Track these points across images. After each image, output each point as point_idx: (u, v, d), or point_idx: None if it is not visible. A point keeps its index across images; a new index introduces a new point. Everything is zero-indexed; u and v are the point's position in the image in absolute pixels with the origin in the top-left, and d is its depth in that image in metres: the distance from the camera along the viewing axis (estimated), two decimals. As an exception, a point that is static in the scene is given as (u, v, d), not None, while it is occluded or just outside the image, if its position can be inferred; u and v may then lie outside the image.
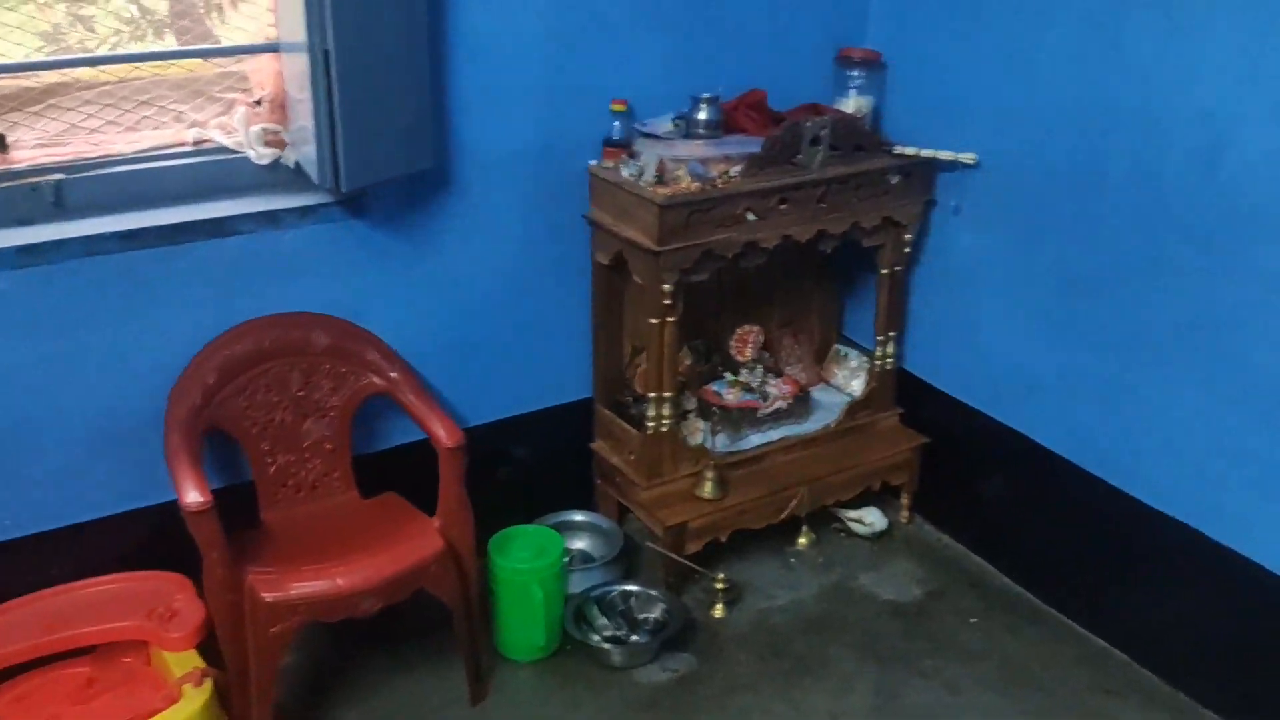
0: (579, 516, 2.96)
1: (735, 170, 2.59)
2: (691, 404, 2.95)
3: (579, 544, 2.96)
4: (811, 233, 2.71)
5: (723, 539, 2.81)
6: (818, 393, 3.19)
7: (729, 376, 3.00)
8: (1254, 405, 2.26)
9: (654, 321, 2.62)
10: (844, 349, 3.22)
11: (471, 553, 2.41)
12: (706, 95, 2.64)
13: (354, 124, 2.21)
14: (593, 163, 2.69)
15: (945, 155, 2.77)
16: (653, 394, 2.70)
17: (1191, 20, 2.23)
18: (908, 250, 2.92)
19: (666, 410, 2.72)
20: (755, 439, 2.94)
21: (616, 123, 2.69)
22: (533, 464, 2.94)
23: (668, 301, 2.58)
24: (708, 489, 2.77)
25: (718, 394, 2.98)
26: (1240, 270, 2.23)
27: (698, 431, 2.89)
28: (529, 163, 2.66)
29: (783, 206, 2.64)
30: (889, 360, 3.05)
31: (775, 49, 2.91)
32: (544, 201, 2.72)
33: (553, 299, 2.82)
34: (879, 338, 3.03)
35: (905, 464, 3.08)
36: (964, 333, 2.93)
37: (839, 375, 3.21)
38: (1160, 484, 2.49)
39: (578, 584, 2.75)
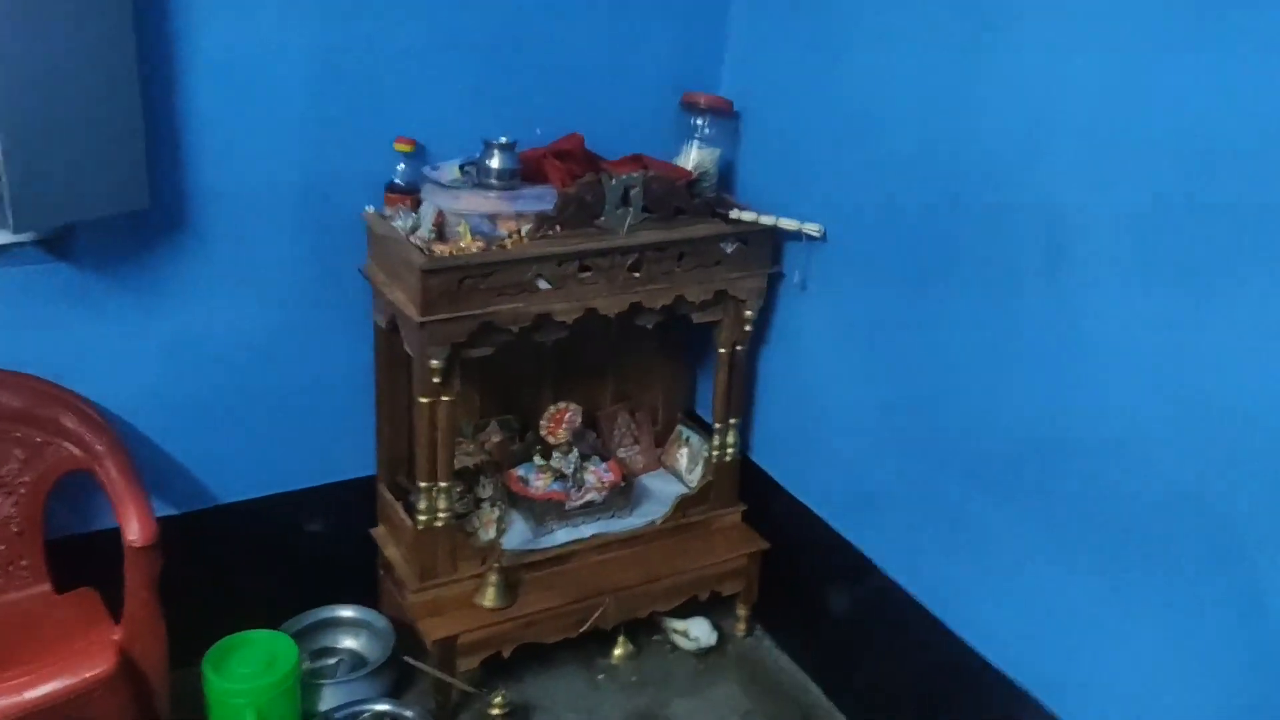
0: (348, 613, 2.56)
1: (527, 229, 2.21)
2: (488, 490, 2.55)
3: (351, 643, 2.56)
4: (623, 306, 2.32)
5: (505, 654, 2.41)
6: (654, 480, 2.80)
7: (538, 460, 2.60)
8: (1091, 557, 1.86)
9: (424, 401, 2.23)
10: (686, 431, 2.83)
11: (161, 672, 2.02)
12: (501, 140, 2.25)
13: (23, 153, 1.83)
14: (369, 209, 2.31)
15: (788, 224, 2.38)
16: (424, 483, 2.31)
17: (1042, 96, 1.84)
18: (748, 328, 2.53)
19: (442, 502, 2.32)
20: (562, 535, 2.55)
21: (401, 164, 2.31)
22: (304, 550, 2.55)
23: (437, 380, 2.19)
24: (490, 596, 2.38)
25: (523, 480, 2.58)
26: (1080, 394, 1.84)
27: (491, 524, 2.49)
28: (293, 206, 2.28)
29: (585, 274, 2.25)
30: (729, 450, 2.65)
31: (612, 88, 2.53)
32: (315, 251, 2.33)
33: (330, 362, 2.44)
34: (717, 425, 2.63)
35: (740, 572, 2.68)
36: (808, 426, 2.54)
37: (681, 460, 2.82)
38: (997, 636, 2.10)
39: (331, 699, 2.35)
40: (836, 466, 2.47)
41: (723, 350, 2.56)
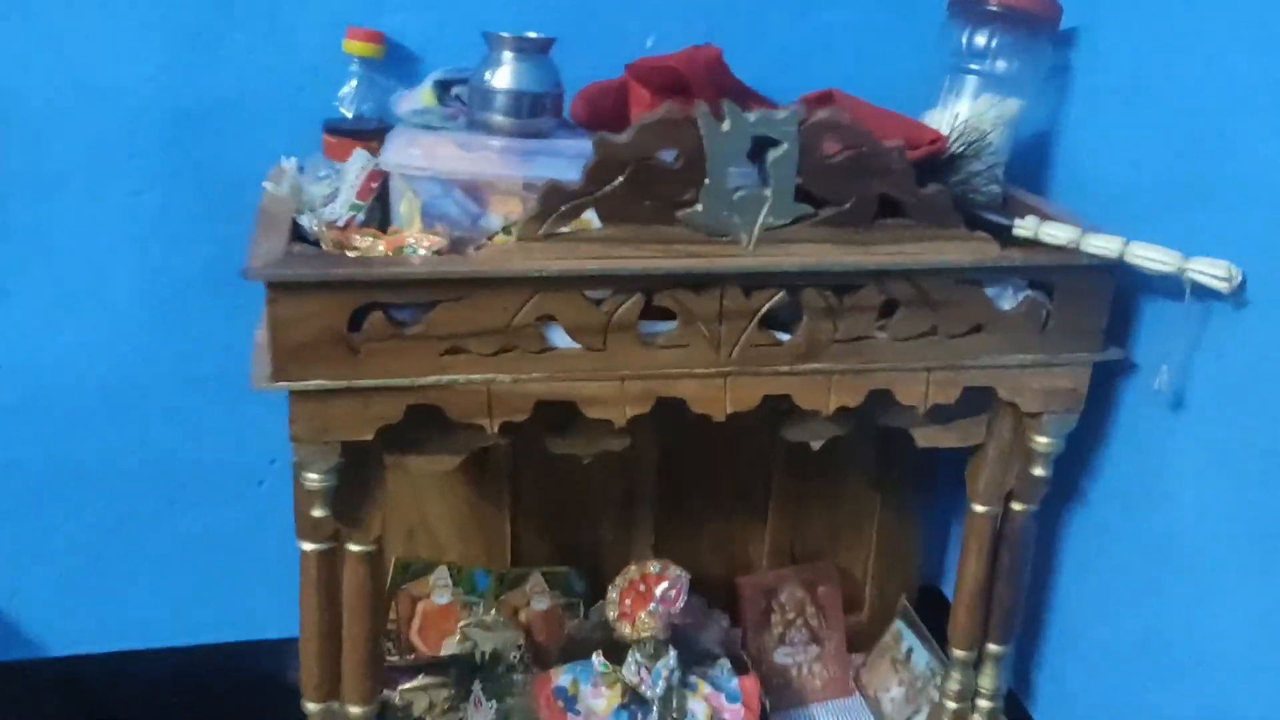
0: None
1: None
2: (488, 713, 1.37)
3: None
4: (746, 400, 1.08)
5: None
6: (837, 716, 1.51)
7: (599, 663, 1.38)
8: None
9: (307, 549, 1.10)
10: (909, 636, 1.51)
11: None
12: (526, 36, 1.08)
13: None
14: (284, 162, 1.20)
15: (1154, 259, 1.03)
16: (312, 704, 1.17)
17: None
18: (1041, 471, 1.20)
19: (353, 740, 1.18)
20: (619, 818, 1.33)
21: (353, 80, 1.20)
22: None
23: (320, 512, 1.05)
24: None
25: (563, 696, 1.38)
26: None
27: (485, 777, 1.32)
28: (154, 149, 1.23)
29: (659, 331, 1.04)
30: (985, 702, 1.32)
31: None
32: (198, 232, 1.27)
33: (231, 426, 1.38)
34: (958, 652, 1.31)
35: None
36: (1166, 684, 1.17)
37: (890, 691, 1.51)
38: None
39: None
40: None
41: (980, 508, 1.24)
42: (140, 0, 1.16)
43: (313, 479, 1.03)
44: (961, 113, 1.23)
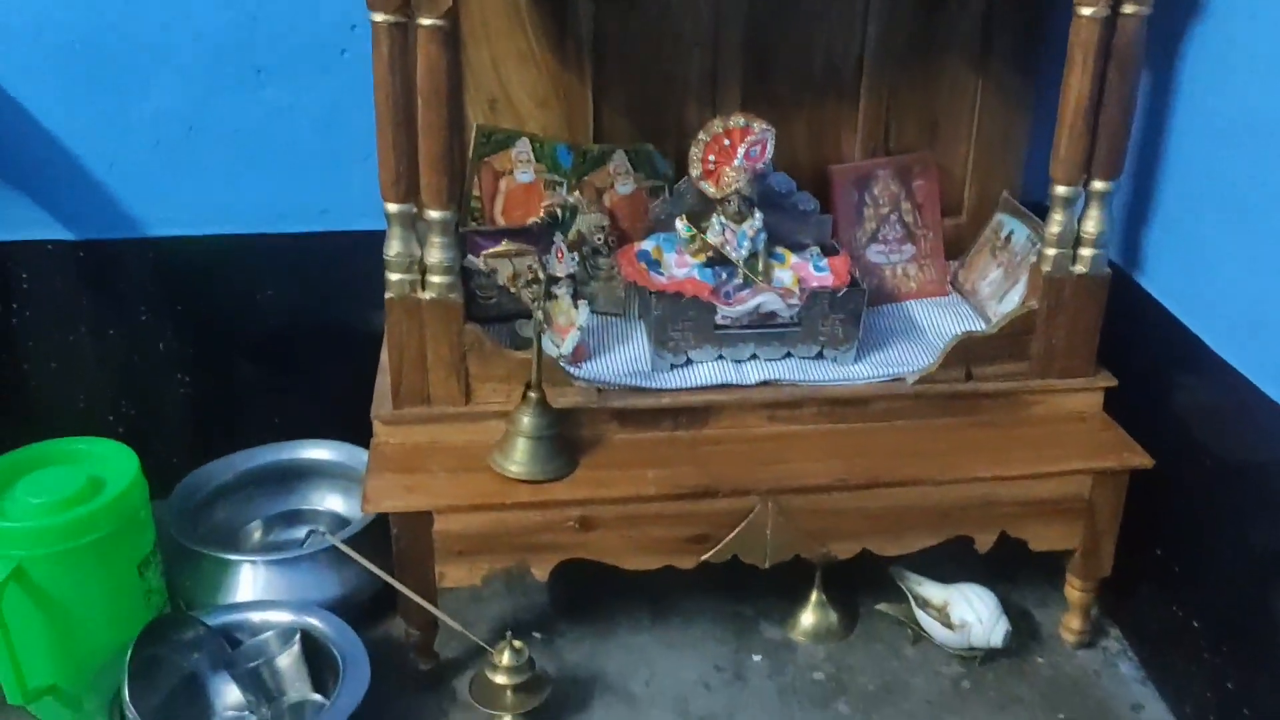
0: (326, 453, 1.51)
1: None
2: (569, 264, 1.34)
3: (338, 505, 1.52)
4: None
5: (540, 574, 1.23)
6: (931, 310, 1.46)
7: (683, 228, 1.35)
8: None
9: (378, 19, 1.09)
10: (1011, 222, 1.44)
11: None
12: None
13: None
14: None
15: None
16: (391, 204, 1.17)
17: None
18: (1154, -47, 1.11)
19: (435, 254, 1.18)
20: (702, 371, 1.30)
21: None
22: (278, 336, 1.53)
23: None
24: (518, 454, 1.20)
25: (647, 258, 1.35)
26: None
27: (567, 331, 1.31)
28: None
29: None
30: (1088, 250, 1.25)
31: None
32: None
33: None
34: (1060, 188, 1.24)
35: (1080, 508, 1.28)
36: None
37: (989, 277, 1.44)
38: None
39: (249, 586, 1.32)
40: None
41: (1086, 10, 1.15)
42: None
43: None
44: None
